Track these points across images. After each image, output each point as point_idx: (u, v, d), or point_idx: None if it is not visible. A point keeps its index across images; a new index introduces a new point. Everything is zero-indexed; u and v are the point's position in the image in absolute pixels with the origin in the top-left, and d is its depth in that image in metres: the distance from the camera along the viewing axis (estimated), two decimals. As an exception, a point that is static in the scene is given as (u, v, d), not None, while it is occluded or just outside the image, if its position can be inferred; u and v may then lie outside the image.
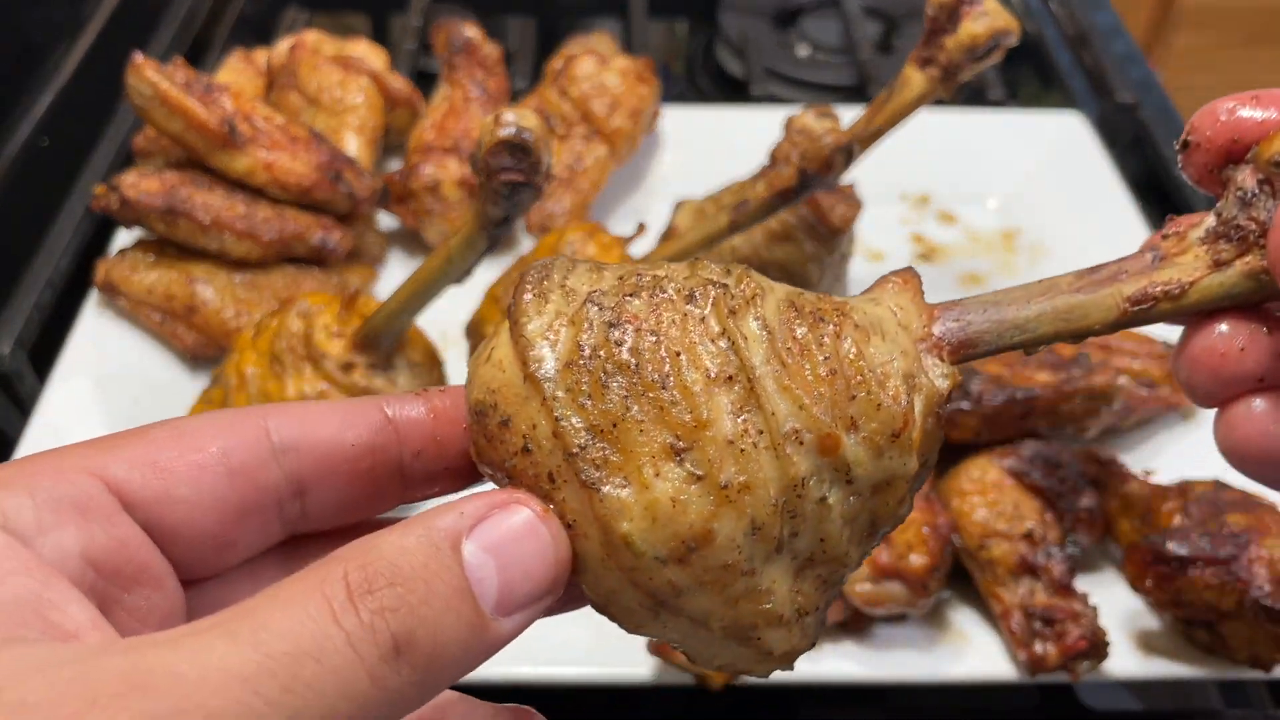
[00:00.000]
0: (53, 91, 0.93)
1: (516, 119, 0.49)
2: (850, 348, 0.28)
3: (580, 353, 0.28)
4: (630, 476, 0.27)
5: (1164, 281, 0.29)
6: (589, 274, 0.30)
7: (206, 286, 0.76)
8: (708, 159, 0.91)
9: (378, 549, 0.25)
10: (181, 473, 0.28)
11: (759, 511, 0.27)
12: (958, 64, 0.60)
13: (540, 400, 0.27)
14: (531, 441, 0.27)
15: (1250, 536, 0.58)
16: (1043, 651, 0.58)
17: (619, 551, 0.27)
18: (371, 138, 0.89)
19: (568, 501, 0.27)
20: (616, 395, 0.27)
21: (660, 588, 0.27)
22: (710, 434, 0.27)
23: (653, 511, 0.27)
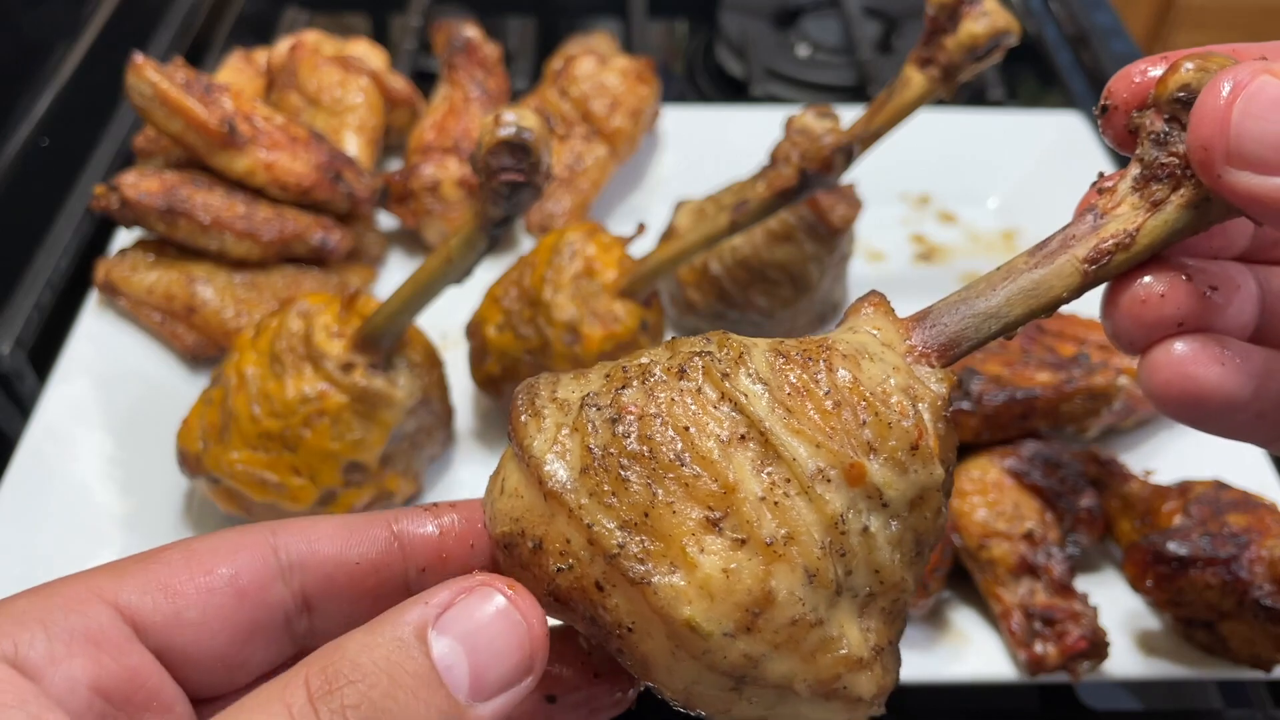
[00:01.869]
0: (53, 91, 0.93)
1: (516, 119, 0.49)
2: (845, 377, 0.29)
3: (592, 456, 0.28)
4: (676, 561, 0.26)
5: (1112, 235, 0.30)
6: (574, 382, 0.30)
7: (206, 286, 0.76)
8: (708, 159, 0.91)
9: (342, 649, 0.25)
10: (191, 596, 0.28)
11: (809, 559, 0.27)
12: (958, 64, 0.60)
13: (566, 514, 0.27)
14: (569, 558, 0.27)
15: (1250, 536, 0.58)
16: (1043, 651, 0.58)
17: (686, 639, 0.26)
18: (371, 138, 0.89)
19: (621, 606, 0.27)
20: (639, 485, 0.27)
21: (737, 663, 0.27)
22: (741, 496, 0.27)
23: (708, 588, 0.26)
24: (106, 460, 0.69)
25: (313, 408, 0.61)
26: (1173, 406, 0.30)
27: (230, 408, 0.62)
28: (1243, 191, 0.27)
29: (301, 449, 0.61)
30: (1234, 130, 0.27)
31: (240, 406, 0.62)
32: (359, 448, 0.62)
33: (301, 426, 0.61)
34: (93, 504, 0.67)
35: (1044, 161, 0.94)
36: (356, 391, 0.61)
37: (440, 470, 0.72)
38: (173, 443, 0.65)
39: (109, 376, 0.75)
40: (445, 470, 0.72)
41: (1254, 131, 0.26)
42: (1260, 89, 0.27)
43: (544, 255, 0.69)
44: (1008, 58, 0.62)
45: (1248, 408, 0.30)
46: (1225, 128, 0.27)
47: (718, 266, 0.77)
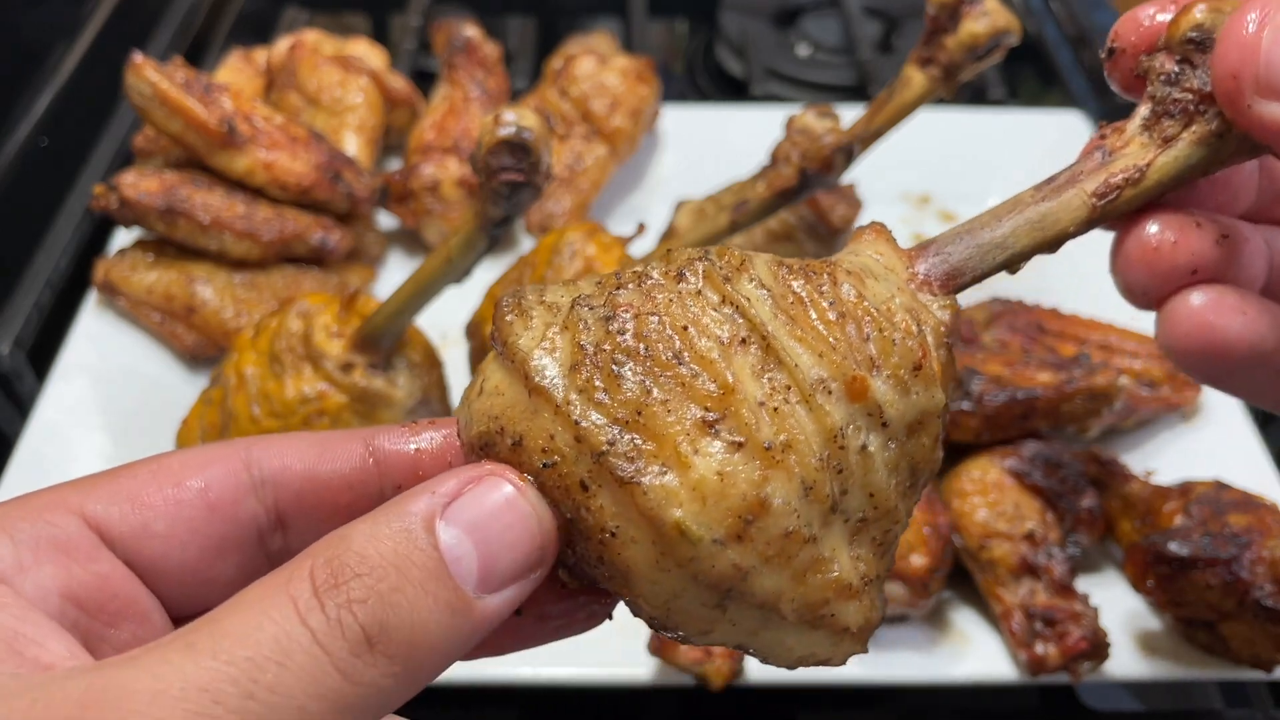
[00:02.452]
0: (52, 91, 0.93)
1: (516, 119, 0.49)
2: (850, 291, 0.28)
3: (583, 352, 0.26)
4: (669, 461, 0.25)
5: (1122, 170, 0.29)
6: (564, 288, 0.29)
7: (206, 286, 0.75)
8: (708, 159, 0.91)
9: (347, 540, 0.24)
10: (159, 508, 0.27)
11: (807, 470, 0.26)
12: (958, 63, 0.60)
13: (552, 409, 0.26)
14: (553, 454, 0.26)
15: (1251, 537, 0.58)
16: (1044, 652, 0.58)
17: (674, 544, 0.25)
18: (371, 137, 0.89)
19: (606, 508, 0.25)
20: (633, 382, 0.26)
21: (724, 573, 0.25)
22: (740, 398, 0.26)
23: (701, 491, 0.25)
24: (105, 460, 0.69)
25: (312, 408, 0.61)
26: (1195, 360, 0.29)
27: (230, 408, 0.62)
28: (1272, 122, 0.26)
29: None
30: (1264, 58, 0.26)
31: (240, 406, 0.62)
32: (358, 448, 0.62)
33: (301, 426, 0.61)
34: (92, 504, 0.67)
35: (1045, 161, 0.93)
36: (356, 391, 0.61)
37: (440, 470, 0.72)
38: (172, 443, 0.65)
39: (108, 376, 0.74)
40: (445, 470, 0.72)
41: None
42: None
43: (544, 255, 0.69)
44: (1008, 57, 0.62)
45: (1270, 361, 0.29)
46: (1255, 55, 0.26)
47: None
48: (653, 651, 0.57)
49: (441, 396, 0.68)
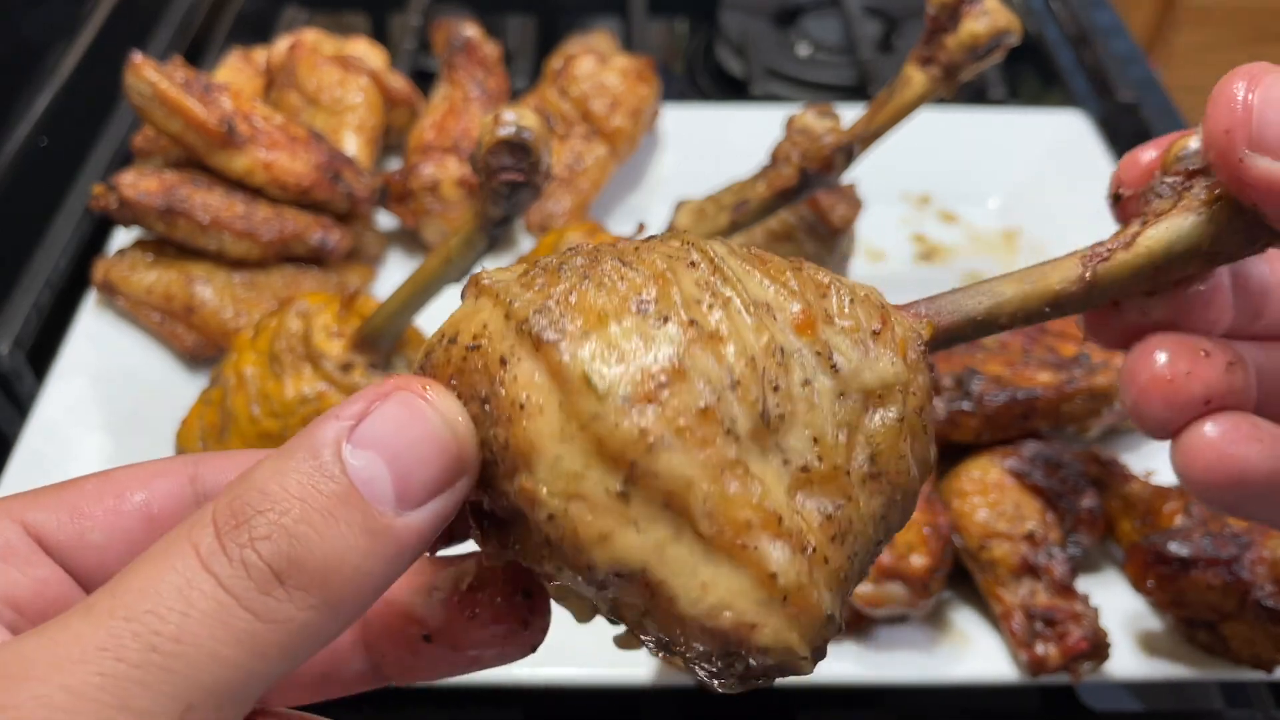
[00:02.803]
0: (51, 91, 0.93)
1: (516, 118, 0.49)
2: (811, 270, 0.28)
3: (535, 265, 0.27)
4: (590, 328, 0.25)
5: (1112, 237, 0.29)
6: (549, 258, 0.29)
7: (205, 286, 0.75)
8: (708, 158, 0.91)
9: (249, 479, 0.23)
10: (98, 518, 0.28)
11: (736, 363, 0.24)
12: (959, 63, 0.60)
13: (492, 301, 0.26)
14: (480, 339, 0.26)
15: (1252, 537, 0.58)
16: (1044, 652, 0.58)
17: (579, 396, 0.24)
18: (371, 137, 0.89)
19: (519, 378, 0.25)
20: (572, 274, 0.26)
21: (629, 439, 0.24)
22: (674, 290, 0.25)
23: (616, 346, 0.24)
24: (105, 460, 0.69)
25: (312, 408, 0.61)
26: (1216, 491, 0.29)
27: (229, 408, 0.62)
28: (1264, 177, 0.26)
29: None
30: (1257, 115, 0.26)
31: (239, 406, 0.62)
32: (358, 448, 0.62)
33: (300, 426, 0.61)
34: (91, 504, 0.67)
35: (1045, 161, 0.94)
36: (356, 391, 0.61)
37: (440, 470, 0.72)
38: (172, 443, 0.65)
39: (107, 376, 0.74)
40: (445, 470, 0.72)
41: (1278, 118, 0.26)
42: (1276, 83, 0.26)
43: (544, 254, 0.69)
44: (1009, 57, 0.62)
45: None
46: (1249, 113, 0.26)
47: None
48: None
49: (441, 396, 0.68)
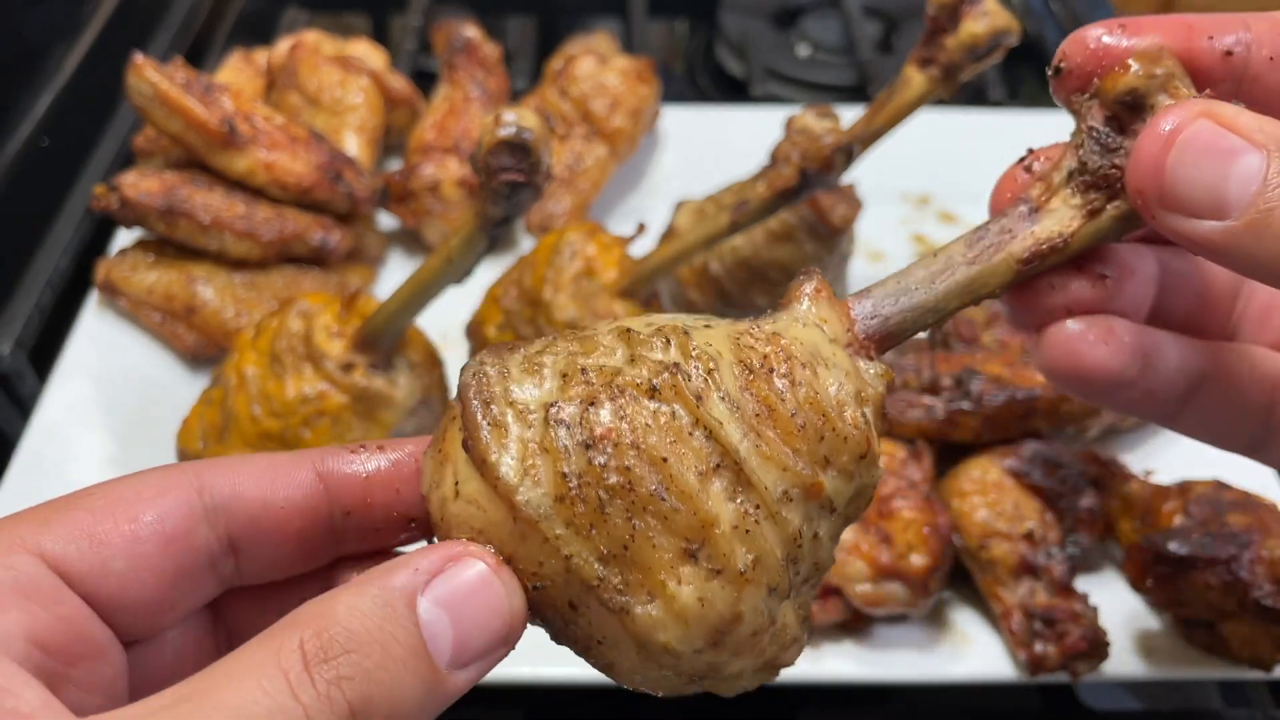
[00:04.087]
0: (53, 91, 0.93)
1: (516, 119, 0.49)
2: (806, 391, 0.30)
3: (568, 484, 0.28)
4: (654, 590, 0.28)
5: (1049, 238, 0.31)
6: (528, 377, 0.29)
7: (206, 286, 0.75)
8: (708, 159, 0.91)
9: (333, 613, 0.25)
10: (118, 545, 0.28)
11: (772, 576, 0.29)
12: (958, 64, 0.60)
13: (541, 540, 0.28)
14: (543, 579, 0.28)
15: (1251, 537, 0.58)
16: (1043, 652, 0.58)
17: (659, 657, 0.28)
18: (371, 137, 0.89)
19: (594, 623, 0.28)
20: (619, 518, 0.28)
21: (700, 670, 0.29)
22: (718, 530, 0.28)
23: (684, 617, 0.28)
24: (106, 460, 0.69)
25: (313, 408, 0.61)
26: (1062, 382, 0.33)
27: (230, 408, 0.62)
28: (1174, 232, 0.29)
29: (302, 449, 0.61)
30: (1168, 177, 0.28)
31: (240, 406, 0.62)
32: (359, 448, 0.62)
33: (301, 426, 0.61)
34: (93, 504, 0.67)
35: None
36: (356, 391, 0.61)
37: (440, 470, 0.72)
38: (173, 443, 0.65)
39: (109, 376, 0.74)
40: (445, 470, 0.72)
41: (1186, 177, 0.28)
42: (1195, 135, 0.28)
43: (544, 255, 0.69)
44: (1008, 57, 0.62)
45: (1135, 385, 0.32)
46: (1160, 174, 0.28)
47: (718, 266, 0.77)
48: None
49: (442, 396, 0.68)
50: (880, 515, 0.59)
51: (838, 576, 0.59)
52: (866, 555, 0.58)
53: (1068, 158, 0.31)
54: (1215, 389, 0.34)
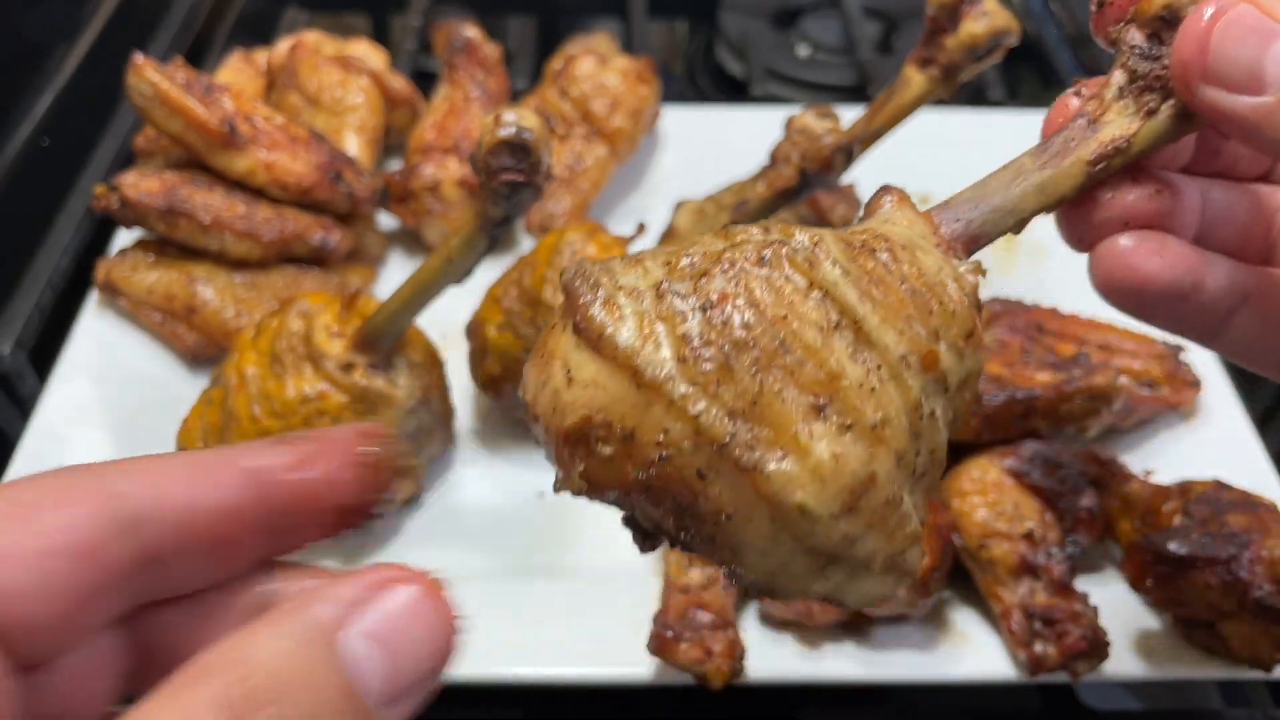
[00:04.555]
0: (53, 91, 0.93)
1: (516, 119, 0.49)
2: (909, 268, 0.30)
3: (689, 345, 0.27)
4: (787, 447, 0.27)
5: (1111, 139, 0.32)
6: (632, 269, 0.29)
7: (207, 286, 0.76)
8: (708, 159, 0.91)
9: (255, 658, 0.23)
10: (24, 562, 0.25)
11: (899, 442, 0.28)
12: (958, 64, 0.60)
13: (666, 404, 0.27)
14: (668, 448, 0.27)
15: (1251, 536, 0.58)
16: (1043, 651, 0.58)
17: (794, 523, 0.27)
18: (371, 138, 0.89)
19: (723, 494, 0.27)
20: (744, 374, 0.27)
21: (836, 544, 0.28)
22: (845, 383, 0.28)
23: (819, 473, 0.27)
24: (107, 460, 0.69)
25: (313, 408, 0.61)
26: (1116, 295, 0.34)
27: (230, 407, 0.62)
28: (1212, 107, 0.31)
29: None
30: (1211, 51, 0.30)
31: (240, 406, 0.62)
32: (359, 448, 0.62)
33: (302, 426, 0.61)
34: (93, 504, 0.67)
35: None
36: (356, 391, 0.61)
37: (440, 470, 0.72)
38: (173, 443, 0.65)
39: (109, 377, 0.75)
40: (445, 470, 0.72)
41: (1229, 54, 0.30)
42: (1238, 16, 0.30)
43: (544, 255, 0.69)
44: (1008, 57, 0.62)
45: (1188, 299, 0.33)
46: (1204, 49, 0.30)
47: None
48: (653, 651, 0.57)
49: (442, 396, 0.68)
50: (880, 515, 0.59)
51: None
52: (866, 555, 0.58)
53: (1115, 76, 0.33)
54: (1255, 310, 0.35)
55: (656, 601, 0.61)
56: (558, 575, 0.65)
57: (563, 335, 0.29)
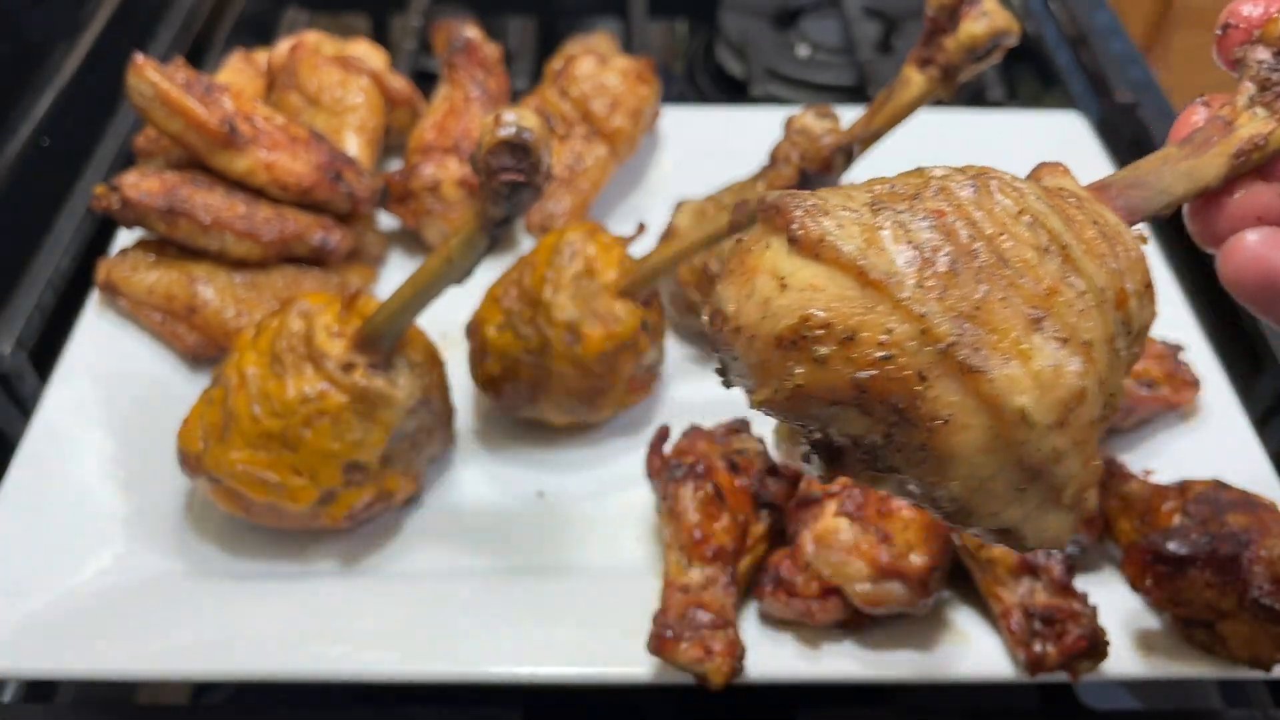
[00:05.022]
0: (54, 92, 0.93)
1: (516, 119, 0.49)
2: (1095, 213, 0.31)
3: (914, 248, 0.28)
4: (1009, 352, 0.27)
5: (1250, 136, 0.34)
6: (834, 193, 0.30)
7: (207, 286, 0.76)
8: (708, 159, 0.91)
9: None
10: None
11: (1103, 366, 0.29)
12: (957, 64, 0.61)
13: (891, 304, 0.27)
14: (890, 348, 0.27)
15: (1250, 536, 0.58)
16: (1042, 651, 0.59)
17: (1013, 428, 0.27)
18: (371, 138, 0.89)
19: (941, 398, 0.27)
20: (969, 280, 0.28)
21: (1045, 457, 0.28)
22: (1061, 299, 0.28)
23: (1041, 380, 0.27)
24: (107, 460, 0.70)
25: (313, 407, 0.61)
26: (1244, 289, 0.34)
27: (231, 407, 0.62)
28: None
29: (302, 448, 0.61)
30: None
31: (241, 406, 0.62)
32: (359, 447, 0.62)
33: (302, 426, 0.61)
34: (93, 504, 0.67)
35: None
36: (357, 391, 0.61)
37: (440, 470, 0.72)
38: (173, 442, 0.66)
39: (110, 376, 0.75)
40: (445, 470, 0.72)
41: None
42: None
43: (544, 255, 0.70)
44: (1007, 58, 0.62)
45: None
46: None
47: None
48: (652, 651, 0.57)
49: (442, 396, 0.68)
50: (880, 515, 0.59)
51: (837, 576, 0.59)
52: (866, 555, 0.58)
53: (1245, 87, 0.35)
54: None
55: (656, 601, 0.61)
56: (557, 575, 0.65)
57: (766, 251, 0.29)
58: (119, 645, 0.59)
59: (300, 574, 0.65)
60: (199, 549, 0.66)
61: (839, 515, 0.60)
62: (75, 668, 0.59)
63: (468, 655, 0.59)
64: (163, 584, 0.64)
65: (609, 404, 0.71)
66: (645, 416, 0.76)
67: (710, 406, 0.70)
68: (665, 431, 0.68)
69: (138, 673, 0.59)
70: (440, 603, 0.62)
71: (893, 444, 0.28)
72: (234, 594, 0.63)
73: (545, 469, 0.73)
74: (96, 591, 0.62)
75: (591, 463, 0.73)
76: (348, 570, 0.65)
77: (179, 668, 0.59)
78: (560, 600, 0.63)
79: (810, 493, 0.62)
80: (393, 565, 0.66)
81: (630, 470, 0.71)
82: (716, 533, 0.60)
